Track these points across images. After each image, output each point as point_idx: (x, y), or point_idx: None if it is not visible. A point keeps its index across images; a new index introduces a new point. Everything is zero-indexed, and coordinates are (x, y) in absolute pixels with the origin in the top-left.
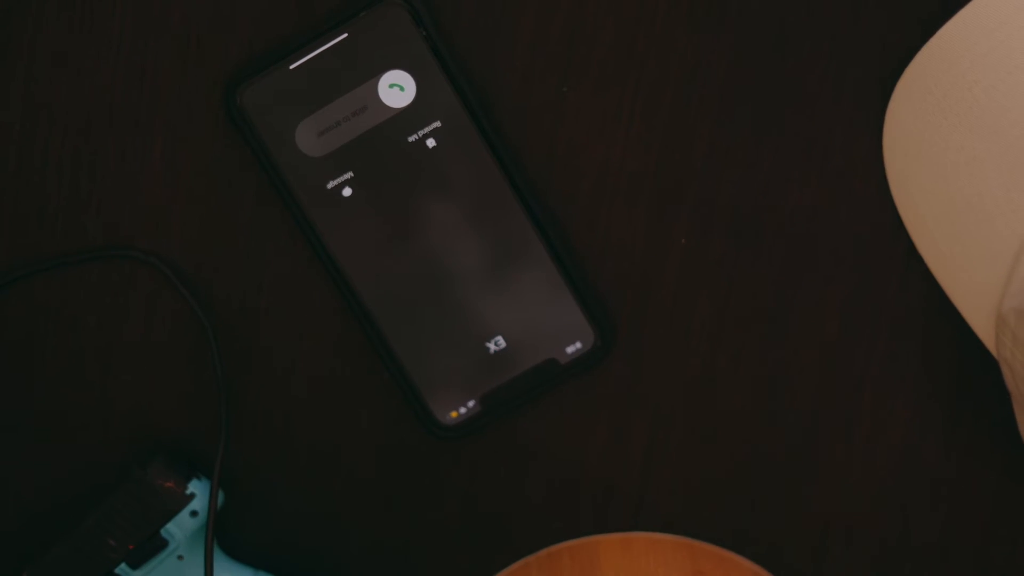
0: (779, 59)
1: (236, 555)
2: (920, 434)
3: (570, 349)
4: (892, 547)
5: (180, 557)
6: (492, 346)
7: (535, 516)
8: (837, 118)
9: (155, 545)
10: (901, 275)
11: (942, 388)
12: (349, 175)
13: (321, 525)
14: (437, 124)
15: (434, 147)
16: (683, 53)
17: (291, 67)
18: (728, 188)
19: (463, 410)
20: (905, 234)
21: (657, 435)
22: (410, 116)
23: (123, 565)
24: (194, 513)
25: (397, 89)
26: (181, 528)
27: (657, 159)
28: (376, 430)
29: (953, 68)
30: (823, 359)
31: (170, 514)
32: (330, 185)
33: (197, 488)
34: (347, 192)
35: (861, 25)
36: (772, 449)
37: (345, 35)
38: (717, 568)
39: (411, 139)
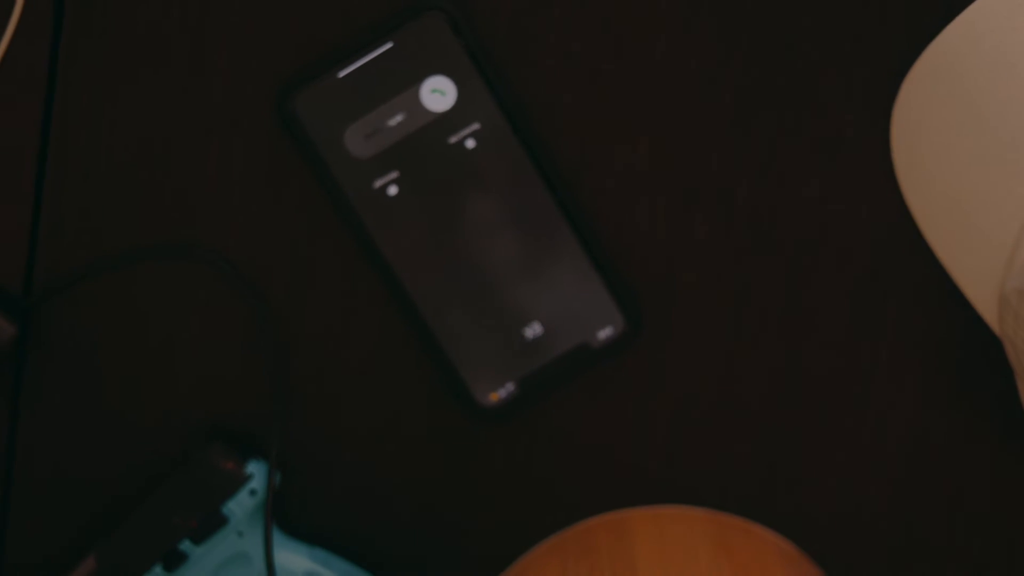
0: (792, 61)
1: (292, 532)
2: (929, 410)
3: (601, 335)
4: (904, 520)
5: (240, 534)
6: (529, 332)
7: (570, 492)
8: (847, 115)
9: (216, 522)
10: (908, 261)
11: (949, 366)
12: (395, 175)
13: (370, 503)
14: (476, 126)
15: (473, 147)
16: (701, 56)
17: (340, 75)
18: (745, 183)
19: (502, 393)
20: (912, 222)
21: (683, 414)
22: (451, 119)
23: (186, 541)
24: (253, 492)
25: (439, 94)
26: (240, 506)
27: (679, 157)
28: (422, 414)
29: (956, 65)
30: (836, 342)
31: (230, 493)
32: (377, 184)
33: (255, 468)
34: (393, 191)
35: (869, 27)
36: (789, 428)
37: (390, 44)
38: (742, 538)
39: (452, 140)
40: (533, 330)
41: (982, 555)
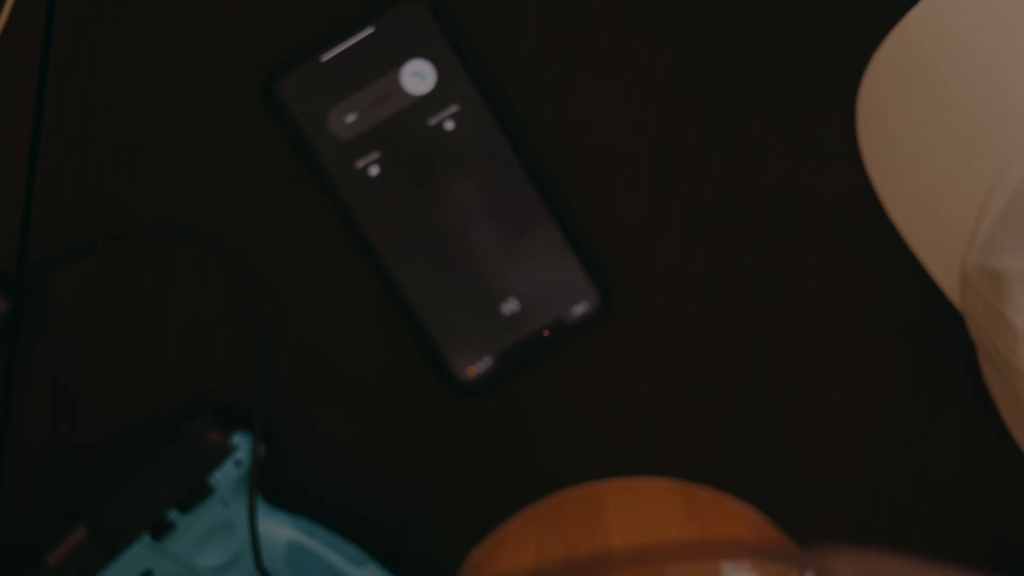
0: (761, 46)
1: (276, 502)
2: (894, 383)
3: (576, 311)
4: (871, 490)
5: (226, 503)
6: (506, 308)
7: (546, 464)
8: (814, 98)
9: (203, 492)
10: (874, 239)
11: (914, 341)
12: (376, 155)
13: (353, 475)
14: (455, 108)
15: (453, 129)
16: (675, 41)
17: (323, 59)
18: (717, 164)
19: (481, 367)
20: (878, 202)
21: (656, 388)
22: (431, 101)
23: (174, 511)
24: (238, 463)
25: (419, 77)
26: (226, 477)
27: (653, 138)
28: (403, 388)
29: (919, 49)
30: (805, 318)
31: (216, 464)
32: (359, 165)
33: (240, 440)
34: (374, 171)
35: (835, 12)
36: (759, 400)
37: (372, 30)
38: (711, 507)
39: (431, 122)
40: (510, 306)
41: (946, 522)
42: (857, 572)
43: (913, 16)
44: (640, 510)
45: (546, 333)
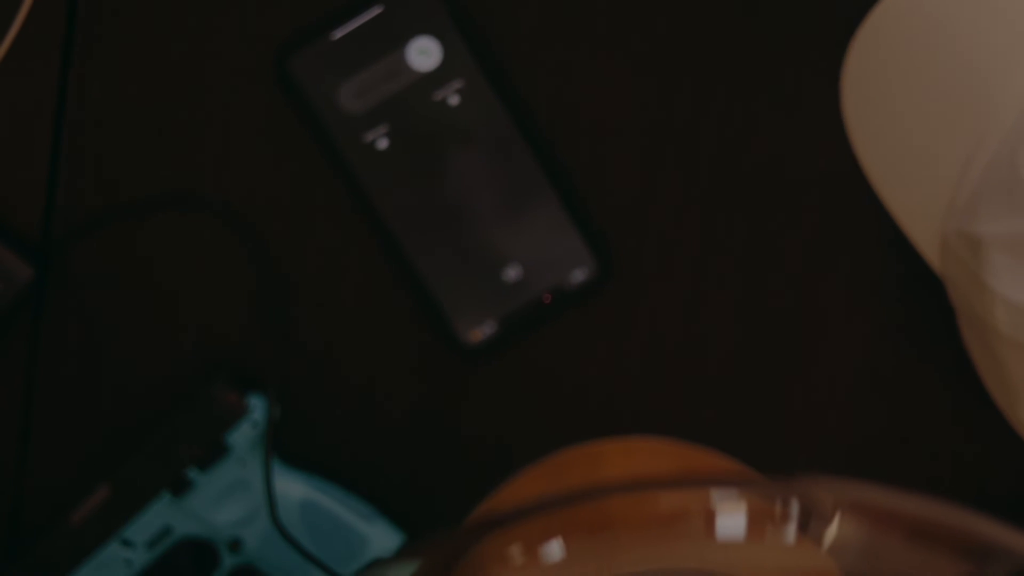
0: (750, 20)
1: (290, 461)
2: (878, 346)
3: (575, 277)
4: (857, 448)
5: (242, 462)
6: (508, 275)
7: (546, 426)
8: (801, 70)
9: (220, 452)
10: (859, 208)
11: (895, 306)
12: (384, 129)
13: (363, 435)
14: (459, 84)
15: (457, 104)
16: (668, 16)
17: (334, 37)
18: (708, 135)
19: (484, 331)
20: (862, 171)
21: (653, 351)
22: (436, 77)
23: (194, 469)
24: (254, 424)
25: (424, 54)
26: (243, 437)
27: (647, 112)
28: (409, 353)
29: (902, 23)
30: (793, 284)
31: (232, 424)
32: (368, 138)
33: (256, 402)
34: (383, 144)
35: None
36: (752, 363)
37: (380, 9)
38: (705, 466)
39: (437, 97)
40: (512, 273)
41: (929, 480)
42: (840, 499)
43: None
44: (637, 467)
45: (547, 298)
